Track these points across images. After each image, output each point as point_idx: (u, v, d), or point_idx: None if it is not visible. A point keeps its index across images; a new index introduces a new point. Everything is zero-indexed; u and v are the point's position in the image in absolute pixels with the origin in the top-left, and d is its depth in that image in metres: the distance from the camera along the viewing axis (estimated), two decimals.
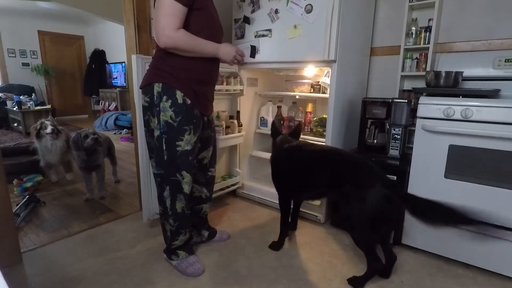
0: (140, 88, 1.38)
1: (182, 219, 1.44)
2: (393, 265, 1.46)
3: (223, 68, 1.91)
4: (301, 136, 2.21)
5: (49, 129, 2.51)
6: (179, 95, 1.28)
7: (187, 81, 1.30)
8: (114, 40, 6.47)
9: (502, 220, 1.40)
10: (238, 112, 2.23)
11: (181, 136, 1.31)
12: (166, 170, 1.37)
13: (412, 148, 1.60)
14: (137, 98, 1.69)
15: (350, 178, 1.30)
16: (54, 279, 1.42)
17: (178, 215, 1.43)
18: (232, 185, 2.31)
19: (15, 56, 6.15)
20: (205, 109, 1.42)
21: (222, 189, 2.22)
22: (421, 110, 1.54)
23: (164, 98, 1.28)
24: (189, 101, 1.30)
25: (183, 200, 1.41)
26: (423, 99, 1.53)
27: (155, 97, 1.29)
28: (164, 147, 1.33)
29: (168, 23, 1.17)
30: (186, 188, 1.40)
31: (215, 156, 1.63)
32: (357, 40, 1.98)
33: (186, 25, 1.24)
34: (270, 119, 2.35)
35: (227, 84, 2.08)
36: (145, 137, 1.45)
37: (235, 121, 2.18)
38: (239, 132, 2.20)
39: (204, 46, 1.28)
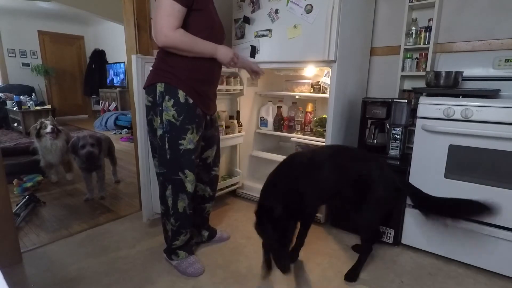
0: (144, 88, 1.39)
1: (183, 219, 1.45)
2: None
3: (223, 68, 1.91)
4: (301, 136, 2.23)
5: (49, 128, 2.51)
6: (181, 94, 1.29)
7: (188, 81, 1.30)
8: (114, 40, 6.47)
9: (502, 220, 1.41)
10: (238, 112, 2.23)
11: (184, 135, 1.32)
12: (168, 169, 1.37)
13: (412, 148, 1.60)
14: (137, 98, 1.69)
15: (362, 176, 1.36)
16: (54, 279, 1.42)
17: (180, 214, 1.43)
18: (232, 185, 2.31)
19: (15, 56, 6.15)
20: (208, 108, 1.43)
21: (222, 189, 2.22)
22: (421, 110, 1.54)
23: (167, 97, 1.29)
24: (191, 100, 1.31)
25: (186, 200, 1.42)
26: (423, 99, 1.53)
27: (157, 96, 1.30)
28: (167, 146, 1.34)
29: (166, 23, 1.18)
30: (189, 187, 1.40)
31: (218, 155, 1.63)
32: (357, 40, 1.98)
33: (186, 26, 1.25)
34: (270, 119, 2.35)
35: (227, 84, 2.08)
36: (148, 137, 1.45)
37: (235, 121, 2.18)
38: (239, 132, 2.20)
39: (202, 46, 1.29)
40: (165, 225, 1.49)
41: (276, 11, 1.88)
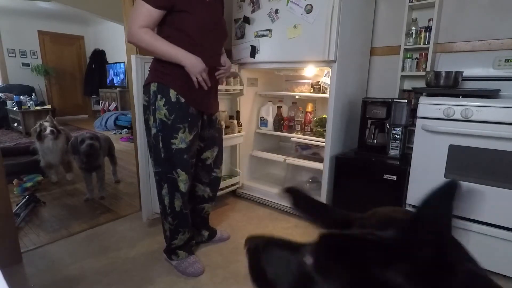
0: (143, 87, 1.41)
1: (181, 218, 1.45)
2: None
3: None
4: (301, 136, 2.22)
5: (48, 130, 2.51)
6: (172, 93, 1.30)
7: (181, 80, 1.31)
8: (114, 40, 6.46)
9: (502, 220, 1.41)
10: (238, 112, 2.23)
11: (175, 134, 1.33)
12: (163, 167, 1.38)
13: (412, 148, 1.60)
14: (136, 98, 1.69)
15: None
16: (54, 279, 1.42)
17: (177, 213, 1.43)
18: (232, 185, 2.31)
19: (15, 56, 6.15)
20: (204, 107, 1.42)
21: (221, 189, 2.22)
22: (421, 110, 1.54)
23: (159, 96, 1.31)
24: (182, 100, 1.32)
25: (180, 199, 1.42)
26: (423, 99, 1.53)
27: (151, 96, 1.33)
28: (161, 145, 1.35)
29: (134, 21, 1.24)
30: (182, 187, 1.40)
31: (220, 157, 1.63)
32: (357, 40, 1.98)
33: (174, 27, 1.28)
34: (270, 119, 2.35)
35: (226, 84, 2.08)
36: (146, 136, 1.46)
37: (235, 121, 2.18)
38: (238, 132, 2.20)
39: (166, 50, 1.26)
40: (164, 225, 1.49)
41: (276, 11, 1.88)
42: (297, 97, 2.24)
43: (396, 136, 1.76)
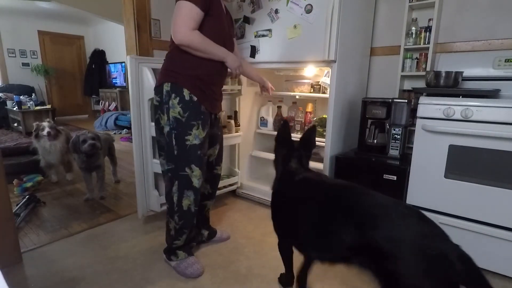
0: (154, 89, 1.45)
1: (187, 217, 1.46)
2: None
3: None
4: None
5: (45, 131, 2.51)
6: (186, 92, 1.34)
7: (193, 80, 1.36)
8: (114, 40, 6.46)
9: (502, 220, 1.41)
10: (236, 112, 2.23)
11: (189, 130, 1.37)
12: (176, 164, 1.41)
13: (412, 148, 1.60)
14: (133, 98, 1.70)
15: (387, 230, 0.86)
16: (54, 279, 1.42)
17: (184, 213, 1.44)
18: (230, 184, 2.30)
19: (15, 56, 6.15)
20: (213, 106, 1.47)
21: (220, 188, 2.21)
22: (421, 110, 1.54)
23: (173, 95, 1.35)
24: (195, 98, 1.36)
25: (192, 196, 1.44)
26: (423, 99, 1.53)
27: (164, 95, 1.36)
28: (174, 142, 1.38)
29: (185, 23, 1.26)
30: (196, 182, 1.42)
31: (221, 154, 1.67)
32: (357, 40, 1.98)
33: (200, 29, 1.32)
34: (270, 119, 2.35)
35: (224, 84, 2.07)
36: (156, 135, 1.50)
37: (232, 121, 2.17)
38: (236, 132, 2.20)
39: (216, 49, 1.37)
40: (169, 224, 1.49)
41: (276, 11, 1.88)
42: (297, 97, 2.24)
43: (396, 136, 1.76)
